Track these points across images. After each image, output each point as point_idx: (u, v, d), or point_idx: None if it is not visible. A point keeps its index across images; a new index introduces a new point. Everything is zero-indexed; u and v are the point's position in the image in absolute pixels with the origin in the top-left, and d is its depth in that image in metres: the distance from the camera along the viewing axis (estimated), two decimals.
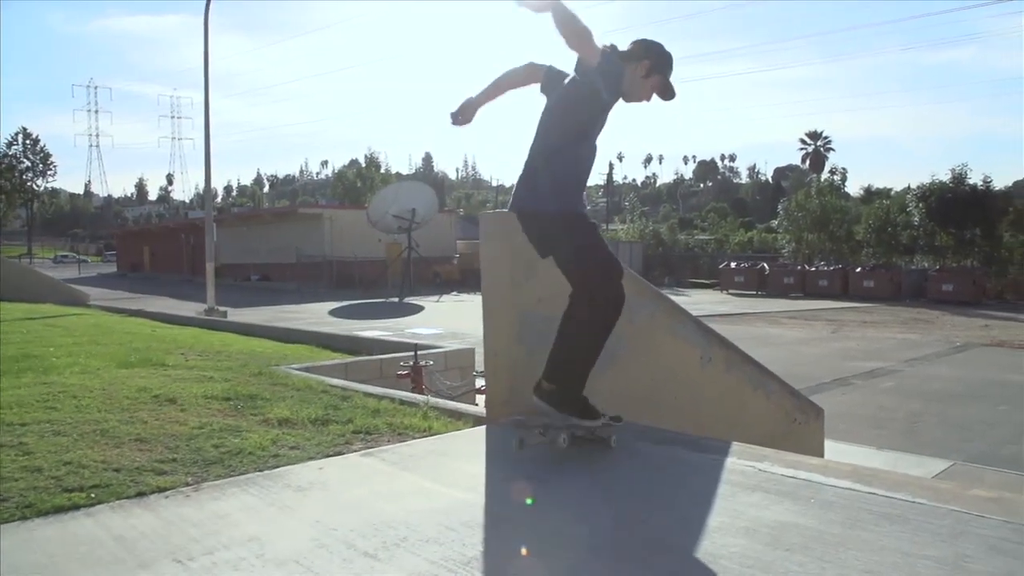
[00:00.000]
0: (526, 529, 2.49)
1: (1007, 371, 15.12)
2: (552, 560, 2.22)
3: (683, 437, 3.40)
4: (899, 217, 38.05)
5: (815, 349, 18.41)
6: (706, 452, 3.15)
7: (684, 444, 3.28)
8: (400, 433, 4.39)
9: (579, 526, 2.49)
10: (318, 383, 6.40)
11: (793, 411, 5.62)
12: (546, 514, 2.61)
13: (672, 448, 3.23)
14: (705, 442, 3.30)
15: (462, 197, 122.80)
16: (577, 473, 3.01)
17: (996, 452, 9.20)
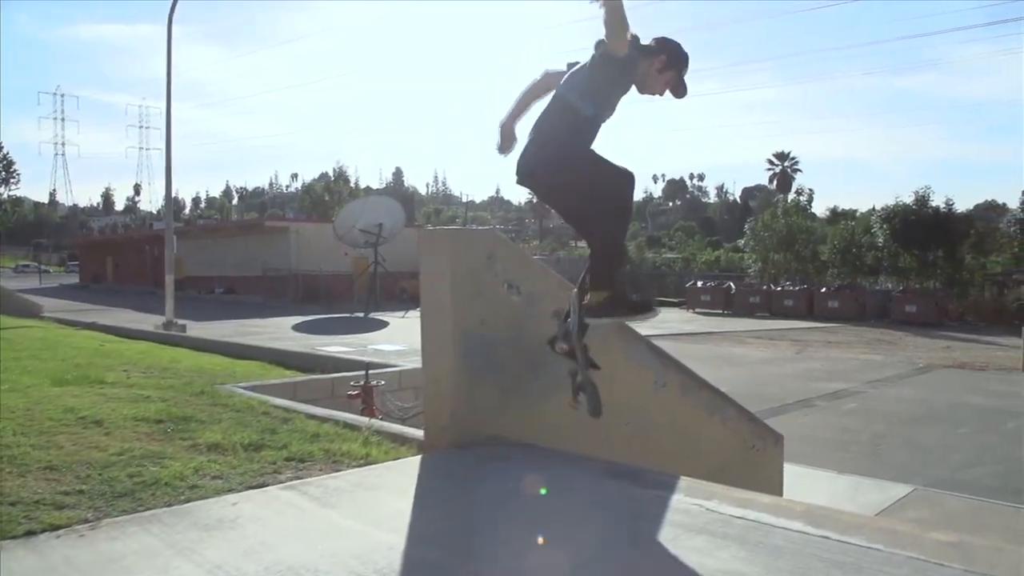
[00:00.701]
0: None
1: (968, 393, 15.12)
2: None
3: (629, 470, 3.19)
4: (864, 238, 38.32)
5: (779, 369, 18.35)
6: (652, 487, 2.95)
7: (630, 478, 3.08)
8: (335, 461, 4.15)
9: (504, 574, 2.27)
10: (261, 404, 6.13)
11: (751, 437, 5.44)
12: (468, 560, 2.39)
13: (617, 483, 3.02)
14: (652, 476, 3.10)
15: (431, 212, 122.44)
16: (510, 511, 2.79)
17: (956, 476, 9.11)
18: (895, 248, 36.39)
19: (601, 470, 3.19)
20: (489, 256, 3.65)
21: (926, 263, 35.96)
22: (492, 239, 3.70)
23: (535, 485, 2.97)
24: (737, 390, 15.04)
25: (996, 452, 10.30)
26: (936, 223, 35.09)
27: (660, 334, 26.52)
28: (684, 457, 4.89)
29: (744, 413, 5.44)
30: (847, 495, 8.15)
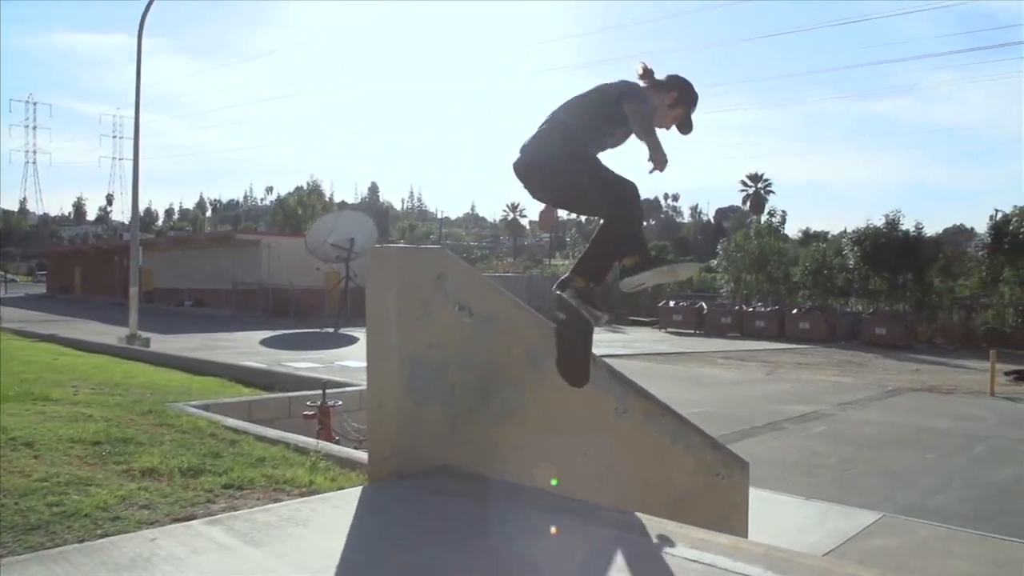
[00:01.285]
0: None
1: (936, 417, 15.10)
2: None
3: (581, 506, 3.01)
4: (835, 260, 38.50)
5: (749, 391, 18.27)
6: (602, 525, 2.77)
7: (582, 515, 2.89)
8: (276, 488, 3.94)
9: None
10: (209, 424, 5.89)
11: (716, 465, 5.28)
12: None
13: (568, 520, 2.83)
14: (605, 513, 2.92)
15: (406, 228, 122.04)
16: (447, 554, 2.60)
17: (924, 503, 9.02)
18: (865, 270, 36.60)
19: (551, 506, 3.00)
20: (439, 276, 3.47)
21: (896, 286, 36.19)
22: (443, 258, 3.52)
23: (478, 524, 2.78)
24: (707, 412, 15.01)
25: (964, 477, 10.22)
26: (906, 246, 35.34)
27: (631, 353, 26.42)
28: (646, 486, 4.72)
29: (708, 440, 5.28)
30: (815, 522, 8.01)
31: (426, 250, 3.53)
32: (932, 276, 35.71)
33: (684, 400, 16.01)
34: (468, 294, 3.59)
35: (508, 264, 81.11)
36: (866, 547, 7.28)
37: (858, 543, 7.36)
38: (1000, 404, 17.08)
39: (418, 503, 3.04)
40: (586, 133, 3.71)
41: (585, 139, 3.72)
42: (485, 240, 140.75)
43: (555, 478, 3.29)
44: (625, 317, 44.25)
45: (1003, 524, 8.27)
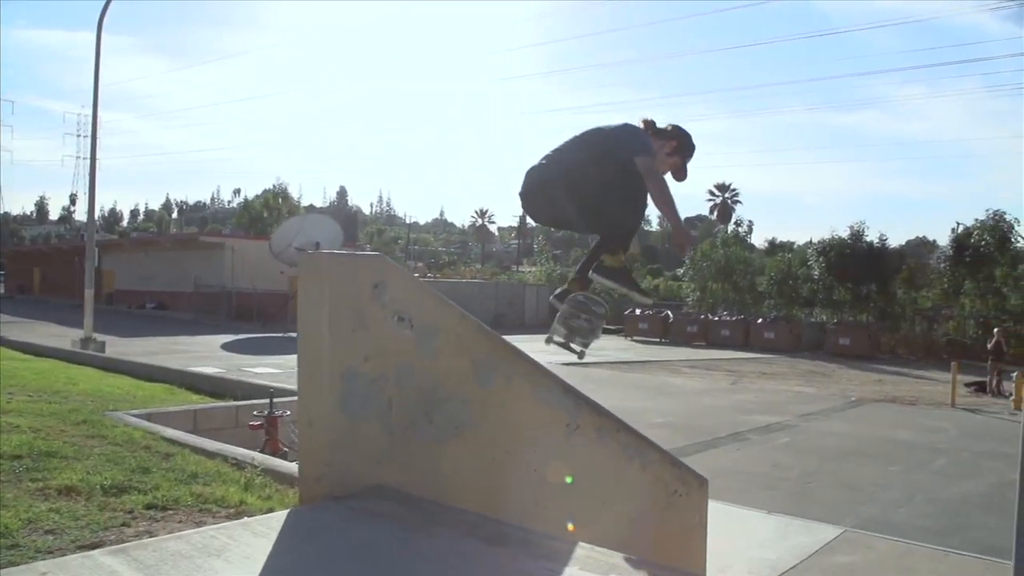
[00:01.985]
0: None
1: (898, 428, 15.09)
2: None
3: (521, 535, 2.79)
4: (800, 270, 38.77)
5: (713, 401, 18.18)
6: (542, 559, 2.56)
7: (520, 545, 2.68)
8: (202, 509, 3.69)
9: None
10: (146, 435, 5.61)
11: (673, 482, 5.09)
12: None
13: (504, 552, 2.62)
14: (545, 543, 2.71)
15: (374, 232, 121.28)
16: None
17: (887, 516, 8.92)
18: (830, 281, 36.87)
19: (491, 534, 2.79)
20: (377, 285, 3.25)
21: (860, 296, 36.50)
22: (381, 265, 3.30)
23: (407, 554, 2.56)
24: (671, 422, 14.89)
25: (926, 491, 10.16)
26: (870, 257, 35.67)
27: (596, 361, 26.27)
28: (600, 505, 4.52)
29: (667, 457, 5.08)
30: (776, 537, 7.86)
31: (363, 257, 3.31)
32: (895, 287, 36.06)
33: (648, 410, 15.90)
34: (409, 304, 3.37)
35: (476, 270, 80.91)
36: (827, 564, 7.14)
37: (819, 559, 7.22)
38: (961, 416, 17.14)
39: (346, 529, 2.81)
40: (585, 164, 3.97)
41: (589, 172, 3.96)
42: (454, 246, 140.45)
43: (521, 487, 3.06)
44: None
45: (965, 539, 8.19)
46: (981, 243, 33.08)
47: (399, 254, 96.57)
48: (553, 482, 4.13)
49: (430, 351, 3.46)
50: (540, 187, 4.03)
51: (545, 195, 4.06)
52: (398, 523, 2.87)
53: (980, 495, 10.09)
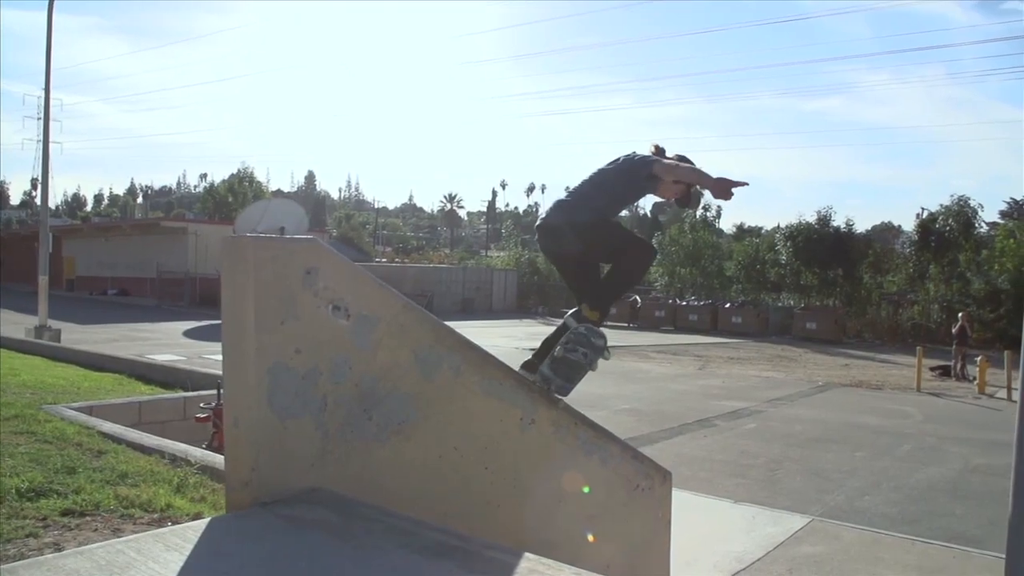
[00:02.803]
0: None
1: (864, 413, 15.06)
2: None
3: (464, 545, 2.55)
4: (768, 255, 38.85)
5: (681, 386, 18.08)
6: (480, 573, 2.32)
7: (461, 558, 2.43)
8: (124, 515, 3.41)
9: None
10: (80, 431, 5.30)
11: (635, 477, 4.87)
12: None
13: (442, 566, 2.37)
14: (489, 555, 2.47)
15: (343, 217, 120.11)
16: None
17: (853, 504, 8.81)
18: (797, 266, 36.99)
19: (430, 544, 2.54)
20: (309, 271, 2.97)
21: (826, 281, 36.66)
22: (313, 250, 3.02)
23: (328, 572, 2.31)
24: (638, 408, 14.74)
25: (892, 477, 10.08)
26: (837, 242, 35.80)
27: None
28: (557, 503, 4.30)
29: (628, 450, 4.86)
30: (742, 528, 7.71)
31: (292, 241, 3.03)
32: (862, 272, 36.26)
33: (615, 396, 15.74)
34: (345, 292, 3.10)
35: (445, 255, 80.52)
36: (794, 555, 7.00)
37: (786, 550, 7.08)
38: (926, 400, 17.17)
39: (268, 541, 2.55)
40: (609, 203, 4.32)
41: (603, 204, 4.27)
42: (422, 230, 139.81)
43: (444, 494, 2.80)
44: (559, 310, 44.06)
45: (930, 527, 8.10)
46: (946, 228, 33.31)
47: (368, 239, 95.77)
48: (506, 481, 3.90)
49: (369, 342, 3.20)
50: (552, 230, 4.31)
51: (555, 238, 4.33)
52: (327, 533, 2.61)
53: (946, 481, 10.03)
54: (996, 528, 8.23)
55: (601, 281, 4.39)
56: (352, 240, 75.26)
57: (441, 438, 3.54)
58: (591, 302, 4.28)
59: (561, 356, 4.20)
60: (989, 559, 7.05)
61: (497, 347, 25.00)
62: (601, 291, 4.34)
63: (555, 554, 4.29)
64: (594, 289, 4.36)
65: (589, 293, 4.34)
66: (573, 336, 4.21)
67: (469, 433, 3.67)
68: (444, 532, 2.68)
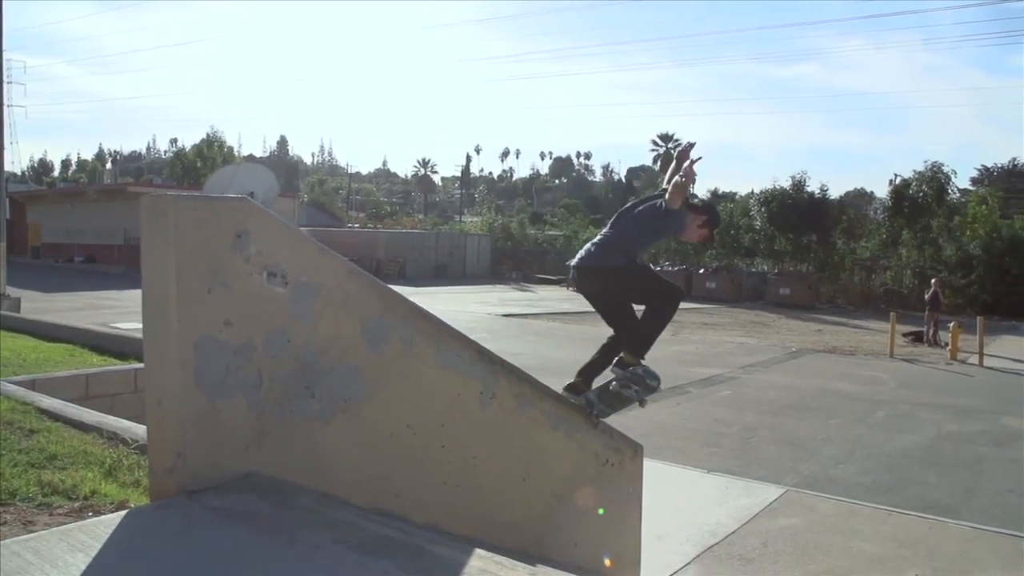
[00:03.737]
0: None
1: (838, 380, 14.98)
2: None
3: (407, 538, 2.29)
4: (742, 220, 38.74)
5: (653, 353, 17.64)
6: (423, 573, 2.06)
7: (401, 555, 2.17)
8: (42, 504, 3.11)
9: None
10: (15, 407, 4.97)
11: (604, 451, 4.64)
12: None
13: (379, 565, 2.11)
14: (433, 551, 2.21)
15: (315, 182, 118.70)
16: None
17: (828, 472, 8.67)
18: (771, 231, 36.91)
19: (366, 539, 2.28)
20: (239, 234, 2.68)
21: (800, 246, 36.63)
22: (243, 211, 2.72)
23: (258, 571, 2.04)
24: (610, 375, 14.51)
25: (866, 445, 9.96)
26: (811, 208, 35.72)
27: (536, 312, 25.94)
28: (520, 481, 4.05)
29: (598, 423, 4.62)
30: (716, 499, 7.54)
31: (221, 201, 2.73)
32: (835, 237, 36.23)
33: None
34: (281, 257, 2.81)
35: (418, 220, 79.92)
36: (769, 527, 6.84)
37: (760, 523, 6.91)
38: (899, 366, 17.13)
39: (189, 538, 2.27)
40: (636, 244, 4.70)
41: (635, 250, 4.69)
42: (396, 196, 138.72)
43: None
44: (533, 276, 43.87)
45: (905, 496, 7.97)
46: (919, 194, 33.30)
47: (341, 204, 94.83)
48: (465, 460, 3.64)
49: (310, 312, 2.91)
50: (585, 271, 4.68)
51: (587, 280, 4.71)
52: (257, 526, 2.34)
53: (920, 449, 9.92)
54: (970, 496, 8.16)
55: (636, 326, 4.64)
56: (324, 205, 74.38)
57: (392, 415, 3.27)
58: (631, 350, 4.65)
59: (616, 391, 4.60)
60: (965, 530, 6.94)
61: (470, 313, 24.80)
62: (638, 337, 4.65)
63: (518, 535, 4.05)
64: (630, 335, 4.68)
65: (626, 339, 4.70)
66: (630, 375, 4.59)
67: (423, 409, 3.41)
68: (386, 523, 2.42)
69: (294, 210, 46.97)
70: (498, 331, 20.05)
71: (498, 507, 3.88)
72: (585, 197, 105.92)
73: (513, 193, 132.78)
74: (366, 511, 2.63)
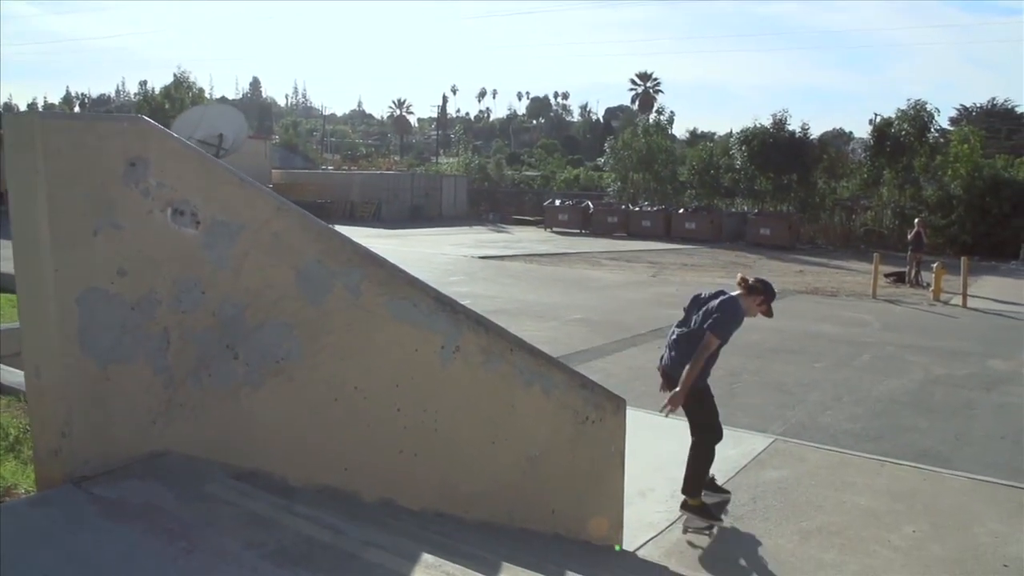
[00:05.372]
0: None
1: (821, 322, 14.66)
2: None
3: (334, 540, 1.83)
4: (722, 160, 38.17)
5: (635, 294, 17.52)
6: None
7: (329, 565, 1.71)
8: None
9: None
10: None
11: (584, 408, 4.20)
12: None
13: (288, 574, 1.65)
14: (370, 560, 1.75)
15: (289, 124, 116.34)
16: None
17: (816, 419, 8.34)
18: (752, 171, 36.39)
19: (285, 543, 1.82)
20: (133, 162, 2.16)
21: (781, 186, 36.16)
22: (138, 133, 2.20)
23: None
24: (589, 318, 14.13)
25: (853, 390, 9.63)
26: (792, 147, 35.20)
27: (513, 254, 25.45)
28: (490, 444, 3.61)
29: (575, 378, 4.18)
30: None
31: (105, 121, 2.20)
32: (816, 177, 35.78)
33: (565, 305, 15.13)
34: (191, 191, 2.30)
35: (394, 162, 78.69)
36: (757, 480, 6.48)
37: (749, 476, 6.55)
38: (882, 307, 16.85)
39: (66, 543, 1.80)
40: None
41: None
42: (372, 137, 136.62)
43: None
44: (510, 216, 43.28)
45: (895, 444, 7.66)
46: (901, 133, 32.83)
47: (315, 147, 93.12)
48: (425, 424, 3.19)
49: (229, 258, 2.41)
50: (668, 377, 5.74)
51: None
52: (153, 525, 1.88)
53: (907, 393, 9.61)
54: (962, 444, 7.84)
55: (688, 469, 5.46)
56: (298, 148, 72.84)
57: (336, 376, 2.80)
58: (688, 493, 5.43)
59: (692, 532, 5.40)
60: (961, 480, 6.61)
61: (446, 255, 24.27)
62: (689, 478, 5.44)
63: (487, 506, 3.61)
64: (686, 473, 5.48)
65: (685, 480, 5.47)
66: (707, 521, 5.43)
67: (374, 368, 2.94)
68: (315, 520, 1.96)
69: (266, 152, 45.91)
70: (474, 273, 19.57)
71: (464, 476, 3.44)
72: (563, 137, 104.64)
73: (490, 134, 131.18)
74: (304, 492, 2.17)
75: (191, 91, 57.43)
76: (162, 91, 58.37)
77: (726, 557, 5.23)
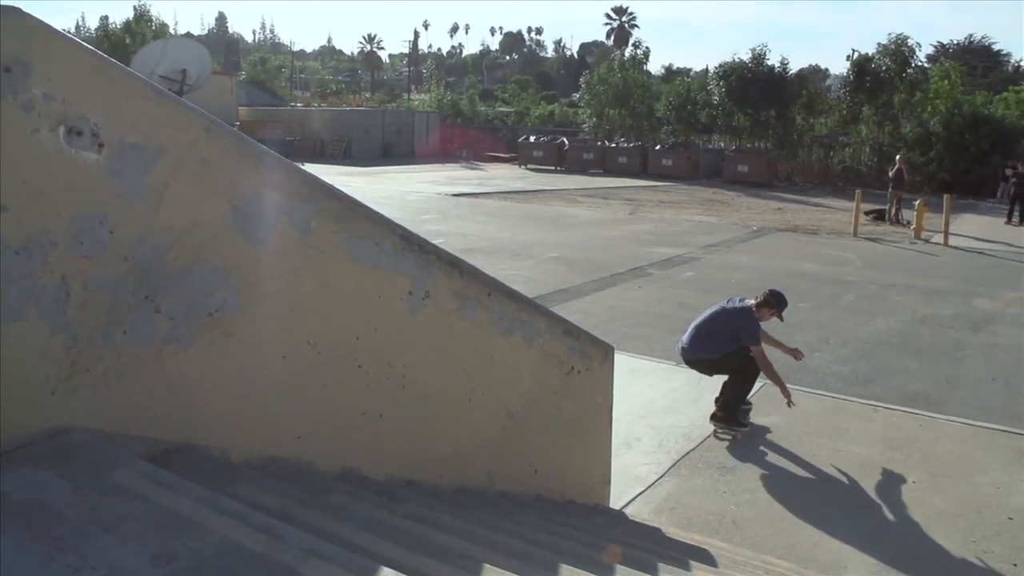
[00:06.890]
0: None
1: (803, 260, 14.39)
2: None
3: (270, 552, 1.42)
4: (699, 96, 37.54)
5: (612, 232, 17.14)
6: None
7: None
8: None
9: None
10: None
11: (569, 357, 3.81)
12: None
13: None
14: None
15: (257, 61, 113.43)
16: None
17: (805, 361, 7.94)
18: (730, 107, 35.81)
19: (205, 555, 1.41)
20: (9, 67, 1.69)
21: (759, 122, 35.65)
22: (15, 29, 1.73)
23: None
24: (567, 256, 13.74)
25: (840, 330, 9.37)
26: (770, 82, 34.60)
27: (487, 191, 24.93)
28: (466, 400, 3.22)
29: (559, 324, 3.77)
30: (687, 396, 6.86)
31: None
32: (794, 113, 35.29)
33: (542, 243, 14.73)
34: (91, 105, 1.84)
35: (365, 99, 77.17)
36: (750, 427, 6.18)
37: None
38: (864, 245, 16.59)
39: None
40: (727, 344, 6.17)
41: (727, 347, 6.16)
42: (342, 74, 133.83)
43: None
44: (483, 153, 42.51)
45: (886, 387, 7.42)
46: (881, 68, 32.31)
47: (284, 84, 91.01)
48: (391, 381, 2.78)
49: (143, 189, 1.96)
50: (688, 359, 6.45)
51: (689, 363, 6.49)
52: (36, 532, 1.46)
53: (895, 334, 9.36)
54: (954, 387, 7.58)
55: (728, 394, 6.22)
56: (265, 84, 71.02)
57: (284, 329, 2.37)
58: (722, 414, 6.17)
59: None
60: (957, 426, 6.35)
61: (418, 193, 23.71)
62: (728, 404, 6.19)
63: (461, 469, 3.22)
64: (723, 398, 6.24)
65: (720, 401, 6.24)
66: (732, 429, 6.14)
67: (330, 318, 2.51)
68: (248, 519, 1.55)
69: (232, 88, 44.63)
70: (447, 211, 19.06)
71: (436, 437, 3.05)
72: (536, 73, 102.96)
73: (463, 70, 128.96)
74: (247, 467, 1.76)
75: (153, 26, 55.69)
76: (123, 25, 56.53)
77: (719, 512, 4.92)
